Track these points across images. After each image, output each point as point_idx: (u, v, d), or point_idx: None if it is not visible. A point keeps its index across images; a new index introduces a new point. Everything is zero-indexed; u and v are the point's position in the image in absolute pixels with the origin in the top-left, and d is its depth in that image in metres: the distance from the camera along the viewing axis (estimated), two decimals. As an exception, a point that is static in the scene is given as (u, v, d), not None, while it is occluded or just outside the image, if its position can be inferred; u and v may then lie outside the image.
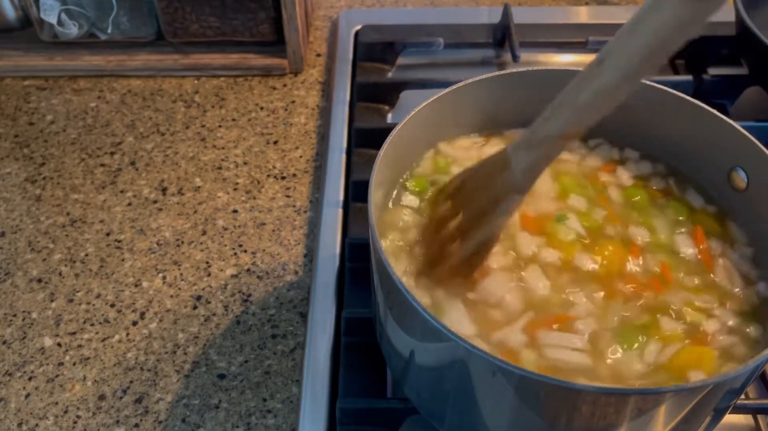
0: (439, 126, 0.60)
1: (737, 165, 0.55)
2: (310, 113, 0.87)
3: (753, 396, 0.59)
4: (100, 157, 0.82)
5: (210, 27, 0.89)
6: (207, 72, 0.91)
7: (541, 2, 1.02)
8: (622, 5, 0.99)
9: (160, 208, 0.76)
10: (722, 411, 0.50)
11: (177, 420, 0.60)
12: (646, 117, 0.60)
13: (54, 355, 0.64)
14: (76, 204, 0.77)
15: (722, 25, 0.89)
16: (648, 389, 0.45)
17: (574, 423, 0.44)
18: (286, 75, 0.91)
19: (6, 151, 0.83)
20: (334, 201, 0.74)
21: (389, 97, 0.85)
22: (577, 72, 0.59)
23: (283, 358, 0.64)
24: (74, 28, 0.88)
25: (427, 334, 0.46)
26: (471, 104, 0.60)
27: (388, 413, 0.56)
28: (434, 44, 0.91)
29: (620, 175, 0.61)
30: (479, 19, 0.96)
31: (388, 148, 0.53)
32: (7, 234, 0.74)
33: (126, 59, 0.90)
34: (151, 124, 0.85)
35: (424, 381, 0.52)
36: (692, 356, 0.48)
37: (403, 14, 1.00)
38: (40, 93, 0.89)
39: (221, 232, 0.74)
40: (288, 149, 0.82)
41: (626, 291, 0.51)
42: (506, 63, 0.92)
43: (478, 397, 0.46)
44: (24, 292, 0.69)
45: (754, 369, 0.43)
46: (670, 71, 0.88)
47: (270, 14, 0.88)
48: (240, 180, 0.79)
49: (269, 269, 0.70)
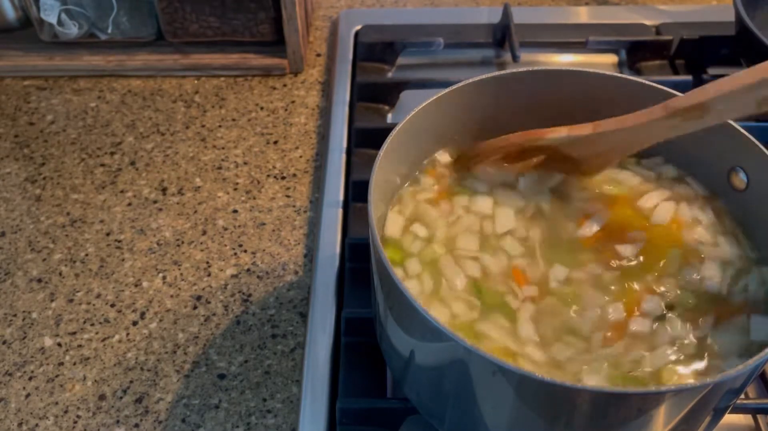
0: (439, 126, 0.60)
1: (737, 165, 0.55)
2: (310, 113, 0.87)
3: (753, 396, 0.59)
4: (100, 157, 0.82)
5: (210, 27, 0.89)
6: (207, 72, 0.91)
7: (541, 2, 1.02)
8: (622, 5, 0.99)
9: (160, 208, 0.76)
10: (722, 411, 0.50)
11: (177, 420, 0.60)
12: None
13: (54, 355, 0.64)
14: (76, 204, 0.77)
15: (722, 25, 0.90)
16: (648, 389, 0.45)
17: (574, 423, 0.44)
18: (286, 75, 0.91)
19: (6, 151, 0.83)
20: (334, 201, 0.74)
21: (389, 97, 0.85)
22: (577, 72, 0.59)
23: (283, 358, 0.64)
24: (74, 28, 0.88)
25: (427, 334, 0.46)
26: (471, 104, 0.60)
27: (388, 413, 0.56)
28: (434, 44, 0.91)
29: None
30: (479, 19, 0.96)
31: (388, 148, 0.53)
32: (7, 234, 0.74)
33: (126, 59, 0.90)
34: (151, 124, 0.85)
35: (424, 381, 0.52)
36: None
37: (403, 14, 1.00)
38: (40, 93, 0.90)
39: (221, 232, 0.74)
40: (288, 149, 0.82)
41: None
42: (506, 63, 0.92)
43: (478, 397, 0.46)
44: (24, 292, 0.69)
45: (754, 369, 0.43)
46: (670, 71, 0.88)
47: (270, 14, 0.88)
48: (240, 180, 0.79)
49: (269, 269, 0.70)
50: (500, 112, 0.62)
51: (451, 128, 0.62)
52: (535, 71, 0.59)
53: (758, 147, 0.52)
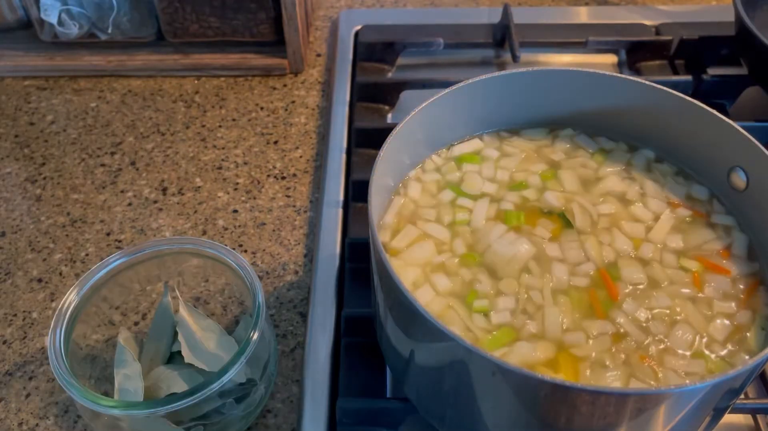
0: (439, 126, 0.60)
1: (737, 165, 0.55)
2: (310, 113, 0.87)
3: (752, 395, 0.59)
4: (100, 157, 0.82)
5: (210, 27, 0.89)
6: (207, 72, 0.91)
7: (541, 2, 1.02)
8: (622, 5, 0.99)
9: (160, 208, 0.76)
10: (722, 410, 0.50)
11: (177, 419, 0.60)
12: (645, 117, 0.60)
13: (54, 355, 0.64)
14: (77, 204, 0.77)
15: (722, 25, 0.90)
16: (648, 389, 0.45)
17: (574, 423, 0.44)
18: (286, 75, 0.91)
19: (6, 151, 0.83)
20: (334, 201, 0.74)
21: (389, 97, 0.85)
22: (577, 72, 0.59)
23: (283, 358, 0.64)
24: (74, 28, 0.88)
25: (427, 334, 0.46)
26: (471, 104, 0.60)
27: (388, 413, 0.56)
28: (434, 44, 0.91)
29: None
30: (479, 19, 0.96)
31: (388, 148, 0.53)
32: (8, 234, 0.74)
33: (126, 59, 0.90)
34: (151, 124, 0.85)
35: (424, 381, 0.52)
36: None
37: (403, 14, 1.00)
38: (40, 93, 0.90)
39: (221, 232, 0.74)
40: (288, 149, 0.82)
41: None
42: (506, 63, 0.92)
43: (478, 397, 0.46)
44: (24, 292, 0.69)
45: (753, 369, 0.43)
46: (670, 71, 0.88)
47: (270, 14, 0.88)
48: (240, 180, 0.79)
49: (269, 269, 0.70)
50: (500, 112, 0.62)
51: (451, 128, 0.62)
52: (535, 71, 0.59)
53: (758, 147, 0.52)
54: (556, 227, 0.56)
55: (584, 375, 0.47)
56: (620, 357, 0.48)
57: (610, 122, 0.62)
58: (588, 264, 0.53)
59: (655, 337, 0.49)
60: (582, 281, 0.52)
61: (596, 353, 0.48)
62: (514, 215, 0.57)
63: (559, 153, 0.62)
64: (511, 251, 0.54)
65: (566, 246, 0.55)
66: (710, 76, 0.84)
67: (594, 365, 0.48)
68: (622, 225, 0.56)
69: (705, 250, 0.55)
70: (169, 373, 0.56)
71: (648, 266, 0.53)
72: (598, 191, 0.59)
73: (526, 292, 0.52)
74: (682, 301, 0.51)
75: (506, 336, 0.49)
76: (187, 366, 0.56)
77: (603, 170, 0.61)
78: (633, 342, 0.49)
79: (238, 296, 0.64)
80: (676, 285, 0.52)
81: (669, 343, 0.49)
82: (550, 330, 0.50)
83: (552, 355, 0.48)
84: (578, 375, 0.47)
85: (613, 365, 0.48)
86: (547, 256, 0.54)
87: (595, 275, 0.53)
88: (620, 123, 0.62)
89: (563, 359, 0.48)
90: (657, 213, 0.57)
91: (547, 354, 0.48)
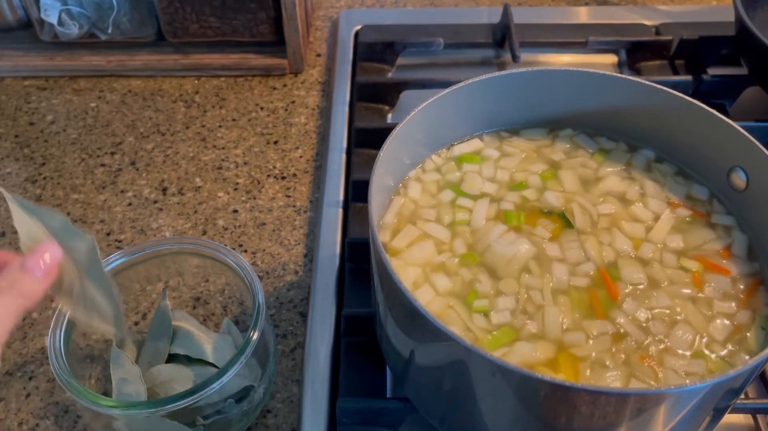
0: (440, 126, 0.60)
1: (737, 165, 0.55)
2: (310, 113, 0.87)
3: (752, 395, 0.59)
4: (100, 157, 0.82)
5: (210, 27, 0.89)
6: (207, 72, 0.91)
7: (541, 2, 1.02)
8: (622, 5, 0.99)
9: (160, 208, 0.76)
10: (722, 410, 0.50)
11: (177, 419, 0.60)
12: (645, 117, 0.60)
13: (54, 355, 0.64)
14: (77, 204, 0.77)
15: (722, 25, 0.90)
16: (648, 389, 0.45)
17: (574, 423, 0.44)
18: (286, 75, 0.91)
19: (6, 151, 0.83)
20: (334, 201, 0.74)
21: (389, 97, 0.85)
22: (577, 72, 0.59)
23: (283, 358, 0.64)
24: (74, 28, 0.88)
25: (427, 334, 0.46)
26: (471, 104, 0.60)
27: (388, 413, 0.56)
28: (434, 44, 0.91)
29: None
30: (479, 19, 0.96)
31: (388, 148, 0.53)
32: (8, 234, 0.74)
33: (126, 59, 0.90)
34: (151, 124, 0.85)
35: (424, 381, 0.52)
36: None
37: (403, 14, 1.00)
38: (40, 93, 0.90)
39: (221, 232, 0.74)
40: (288, 149, 0.82)
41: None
42: (506, 63, 0.92)
43: (478, 397, 0.46)
44: (24, 292, 0.69)
45: (754, 369, 0.43)
46: (670, 71, 0.88)
47: (270, 14, 0.88)
48: (240, 180, 0.79)
49: (269, 269, 0.70)
50: (500, 112, 0.62)
51: (451, 128, 0.62)
52: (535, 71, 0.59)
53: (758, 147, 0.52)
54: (556, 227, 0.56)
55: (584, 375, 0.47)
56: (620, 357, 0.48)
57: (610, 122, 0.62)
58: (588, 264, 0.53)
59: (655, 337, 0.49)
60: (582, 281, 0.52)
61: (596, 353, 0.48)
62: (514, 215, 0.57)
63: (559, 153, 0.62)
64: (511, 251, 0.54)
65: (566, 246, 0.55)
66: (710, 76, 0.84)
67: (594, 365, 0.48)
68: (622, 225, 0.56)
69: (705, 250, 0.55)
70: (168, 373, 0.56)
71: (648, 266, 0.53)
72: (598, 191, 0.59)
73: (526, 292, 0.52)
74: (682, 301, 0.51)
75: (506, 336, 0.49)
76: (187, 366, 0.56)
77: (603, 170, 0.61)
78: (633, 342, 0.49)
79: (238, 296, 0.64)
80: (676, 285, 0.52)
81: (669, 343, 0.49)
82: (550, 330, 0.50)
83: (552, 355, 0.48)
84: (578, 375, 0.47)
85: (613, 365, 0.48)
86: (547, 256, 0.54)
87: (595, 275, 0.53)
88: (620, 123, 0.62)
89: (563, 359, 0.48)
90: (657, 213, 0.57)
91: (547, 354, 0.48)
